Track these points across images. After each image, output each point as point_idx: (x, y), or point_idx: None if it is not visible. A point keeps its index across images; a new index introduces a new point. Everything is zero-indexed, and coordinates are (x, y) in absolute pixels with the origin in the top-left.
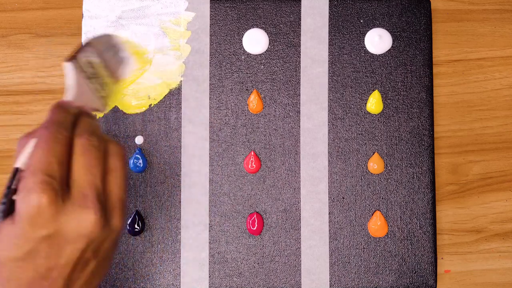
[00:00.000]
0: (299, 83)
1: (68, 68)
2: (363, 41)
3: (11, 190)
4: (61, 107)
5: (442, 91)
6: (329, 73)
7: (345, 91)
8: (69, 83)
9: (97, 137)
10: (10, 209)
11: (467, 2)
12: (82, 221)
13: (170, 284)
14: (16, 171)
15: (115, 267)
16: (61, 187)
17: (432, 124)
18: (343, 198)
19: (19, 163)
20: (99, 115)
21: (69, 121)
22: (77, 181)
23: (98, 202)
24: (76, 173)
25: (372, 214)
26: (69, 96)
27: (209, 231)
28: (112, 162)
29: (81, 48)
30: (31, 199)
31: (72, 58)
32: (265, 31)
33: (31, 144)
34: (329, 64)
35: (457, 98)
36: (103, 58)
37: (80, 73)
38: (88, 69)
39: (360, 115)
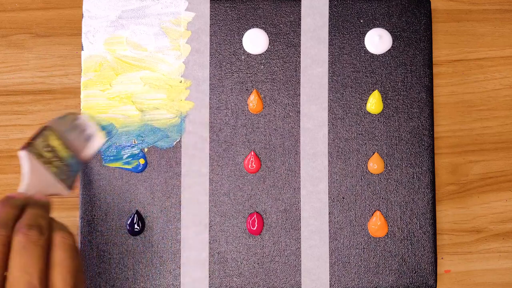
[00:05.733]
0: (299, 83)
1: (22, 157)
2: (363, 41)
3: None
4: (5, 203)
5: (442, 91)
6: (329, 73)
7: (345, 91)
8: (23, 172)
9: (38, 229)
10: None
11: (467, 2)
12: None
13: (170, 284)
14: None
15: (115, 267)
16: None
17: (432, 124)
18: (343, 198)
19: None
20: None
21: (11, 217)
22: (12, 283)
23: None
24: (11, 274)
25: (372, 214)
26: (22, 186)
27: (209, 231)
28: (57, 255)
29: (39, 133)
30: None
31: (28, 145)
32: (265, 31)
33: None
34: (329, 64)
35: (457, 98)
36: (65, 140)
37: (37, 160)
38: (47, 154)
39: (360, 115)
